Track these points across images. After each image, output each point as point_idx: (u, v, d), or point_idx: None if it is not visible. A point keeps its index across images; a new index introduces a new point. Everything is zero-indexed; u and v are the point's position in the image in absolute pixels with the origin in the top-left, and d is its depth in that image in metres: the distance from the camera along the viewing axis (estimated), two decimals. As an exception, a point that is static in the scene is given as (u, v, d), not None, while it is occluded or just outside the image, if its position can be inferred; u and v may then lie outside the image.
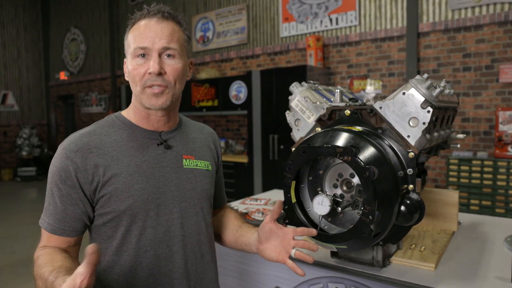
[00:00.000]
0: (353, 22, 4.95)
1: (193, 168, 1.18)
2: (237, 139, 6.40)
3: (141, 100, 1.07)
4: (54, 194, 1.04)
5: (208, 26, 6.70)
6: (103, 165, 1.03)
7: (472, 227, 1.76)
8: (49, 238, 1.05)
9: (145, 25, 1.06)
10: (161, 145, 1.13)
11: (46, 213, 1.06)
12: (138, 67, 1.05)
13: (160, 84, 1.05)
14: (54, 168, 1.04)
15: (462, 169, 3.98)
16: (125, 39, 1.11)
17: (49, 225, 1.04)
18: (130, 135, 1.10)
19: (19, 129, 10.48)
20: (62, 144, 1.06)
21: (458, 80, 4.29)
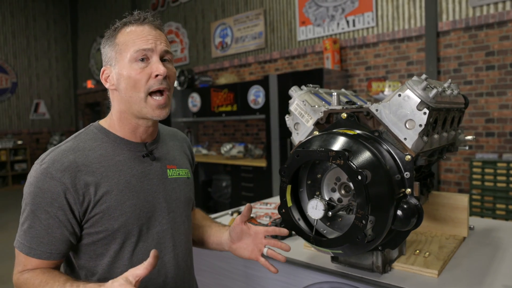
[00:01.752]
0: (370, 23, 4.88)
1: (176, 178, 1.16)
2: (256, 144, 6.42)
3: (141, 109, 1.02)
4: (38, 216, 0.96)
5: (227, 32, 6.77)
6: (94, 183, 0.98)
7: (485, 232, 1.69)
8: (31, 262, 0.98)
9: (142, 30, 1.03)
10: (146, 157, 1.10)
11: (26, 236, 0.97)
12: (142, 70, 1.00)
13: (165, 87, 1.02)
14: (36, 190, 0.96)
15: (487, 172, 3.82)
16: (110, 46, 1.05)
17: (31, 249, 0.96)
18: (115, 149, 1.06)
19: (50, 136, 10.90)
20: (42, 163, 0.97)
21: (481, 80, 4.15)
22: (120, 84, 1.03)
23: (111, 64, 1.05)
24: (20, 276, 0.98)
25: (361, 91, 5.05)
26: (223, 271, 1.74)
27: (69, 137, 1.07)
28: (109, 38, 1.06)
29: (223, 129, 7.03)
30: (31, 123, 10.72)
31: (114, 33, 1.05)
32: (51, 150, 1.02)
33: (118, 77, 1.03)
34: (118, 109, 1.07)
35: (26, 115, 10.63)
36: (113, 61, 1.04)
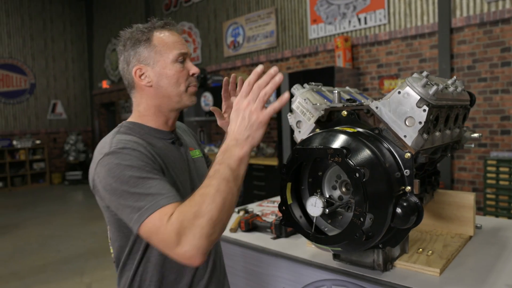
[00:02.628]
0: (382, 20, 4.83)
1: (197, 158, 1.33)
2: (268, 142, 6.42)
3: (181, 99, 1.19)
4: (147, 177, 0.98)
5: (238, 31, 6.79)
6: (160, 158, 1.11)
7: (493, 231, 1.66)
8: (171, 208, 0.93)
9: (174, 34, 1.21)
10: (175, 143, 1.25)
11: (151, 196, 0.95)
12: (183, 69, 1.19)
13: (196, 84, 1.23)
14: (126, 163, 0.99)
15: (501, 170, 3.75)
16: (146, 48, 1.16)
17: (164, 198, 0.95)
18: (152, 138, 1.18)
19: (66, 136, 11.13)
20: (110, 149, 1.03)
21: (496, 76, 4.06)
22: (162, 81, 1.17)
23: (148, 64, 1.16)
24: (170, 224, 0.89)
25: (373, 89, 5.00)
26: (227, 268, 1.76)
27: (109, 133, 1.15)
28: (141, 40, 1.17)
29: (235, 128, 7.05)
30: (48, 123, 10.96)
31: (148, 36, 1.17)
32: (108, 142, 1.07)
33: (159, 75, 1.16)
34: (152, 104, 1.20)
35: (44, 115, 10.88)
36: (151, 61, 1.16)
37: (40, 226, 6.23)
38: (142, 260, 1.15)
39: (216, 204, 0.88)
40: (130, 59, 1.18)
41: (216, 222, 0.88)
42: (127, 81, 1.21)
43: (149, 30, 1.18)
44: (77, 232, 5.80)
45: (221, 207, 0.89)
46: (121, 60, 1.21)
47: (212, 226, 0.87)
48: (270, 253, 1.59)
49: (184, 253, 0.87)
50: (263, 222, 1.79)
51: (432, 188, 1.52)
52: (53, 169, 10.90)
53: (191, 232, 0.86)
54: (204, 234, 0.87)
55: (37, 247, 5.14)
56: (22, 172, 10.11)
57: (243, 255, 1.70)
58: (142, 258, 1.15)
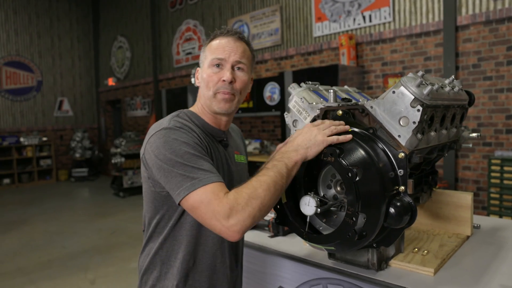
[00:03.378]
0: (387, 18, 4.80)
1: (240, 162, 1.39)
2: (273, 140, 6.43)
3: (211, 104, 1.25)
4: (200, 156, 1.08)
5: (243, 29, 6.79)
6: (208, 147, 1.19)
7: (491, 231, 1.65)
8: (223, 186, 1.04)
9: (223, 41, 1.25)
10: (222, 142, 1.31)
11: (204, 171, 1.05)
12: (213, 74, 1.23)
13: (229, 91, 1.23)
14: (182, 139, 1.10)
15: (506, 169, 3.71)
16: (202, 52, 1.29)
17: (219, 177, 1.05)
18: (202, 132, 1.23)
19: (73, 133, 11.23)
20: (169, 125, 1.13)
21: (502, 75, 4.02)
22: (201, 83, 1.28)
23: (201, 66, 1.30)
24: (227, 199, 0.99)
25: (377, 87, 4.98)
26: (226, 266, 1.77)
27: (166, 117, 1.23)
28: (204, 45, 1.29)
29: (239, 126, 7.07)
30: (55, 120, 11.06)
31: (207, 42, 1.29)
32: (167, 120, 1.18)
33: (201, 77, 1.28)
34: (201, 102, 1.30)
35: (50, 112, 10.98)
36: (201, 64, 1.29)
37: (46, 223, 6.30)
38: (169, 235, 1.22)
39: (270, 192, 1.01)
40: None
41: (264, 207, 1.00)
42: None
43: (214, 36, 1.28)
44: (83, 228, 5.86)
45: (272, 196, 1.02)
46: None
47: (260, 209, 1.00)
48: (267, 251, 1.60)
49: (231, 226, 0.97)
50: (261, 220, 1.80)
51: (429, 188, 1.52)
52: (59, 166, 11.01)
53: (243, 210, 0.98)
54: (252, 214, 0.98)
55: (43, 243, 5.20)
56: (29, 168, 10.23)
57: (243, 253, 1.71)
58: (169, 234, 1.22)
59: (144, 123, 9.71)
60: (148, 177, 1.18)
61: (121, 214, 6.77)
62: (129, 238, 5.33)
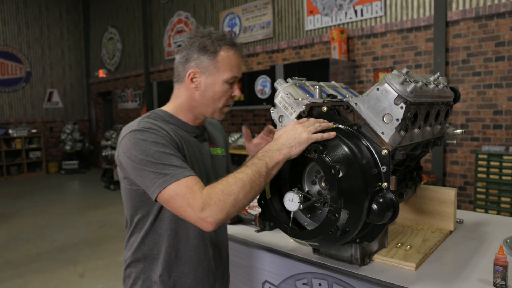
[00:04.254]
0: (378, 12, 4.80)
1: (216, 155, 1.41)
2: (264, 134, 6.43)
3: (212, 113, 1.30)
4: (171, 153, 1.11)
5: (235, 22, 6.74)
6: (181, 146, 1.21)
7: (474, 226, 1.68)
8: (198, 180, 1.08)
9: (238, 58, 1.29)
10: (198, 137, 1.33)
11: (176, 167, 1.09)
12: (228, 90, 1.28)
13: (232, 104, 1.34)
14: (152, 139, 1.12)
15: (492, 164, 3.77)
16: (210, 59, 1.24)
17: (190, 171, 1.09)
18: (177, 128, 1.26)
19: (63, 125, 11.11)
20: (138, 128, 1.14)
21: (490, 71, 4.06)
22: (207, 92, 1.26)
23: (204, 72, 1.25)
24: (201, 192, 1.04)
25: (368, 82, 5.00)
26: (213, 260, 1.78)
27: (140, 117, 1.24)
28: (209, 50, 1.24)
29: (231, 119, 7.05)
30: (44, 112, 10.93)
31: (216, 49, 1.24)
32: (137, 121, 1.19)
33: (208, 86, 1.26)
34: (189, 103, 1.29)
35: (40, 104, 10.85)
36: (207, 72, 1.25)
37: (36, 215, 6.25)
38: (150, 230, 1.25)
39: (245, 189, 1.04)
40: (191, 60, 1.26)
41: (238, 203, 1.04)
42: (178, 73, 1.30)
43: (219, 44, 1.25)
44: (73, 221, 5.83)
45: (247, 193, 1.05)
46: (181, 54, 1.29)
47: (233, 205, 1.04)
48: (253, 245, 1.61)
49: (205, 218, 1.02)
50: (247, 215, 1.81)
51: (414, 184, 1.54)
52: (49, 158, 10.91)
53: (216, 204, 1.02)
54: (225, 209, 1.03)
55: (32, 236, 5.17)
56: (18, 161, 10.12)
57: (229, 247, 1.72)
58: (150, 229, 1.25)
59: (135, 115, 9.63)
60: (124, 177, 1.22)
61: (111, 207, 6.74)
62: (119, 231, 5.32)
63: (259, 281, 1.61)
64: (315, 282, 1.41)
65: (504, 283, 1.12)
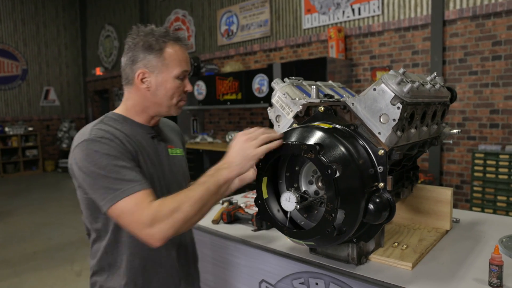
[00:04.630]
0: (376, 11, 4.80)
1: (175, 155, 1.40)
2: (261, 132, 6.43)
3: (169, 110, 1.29)
4: (123, 166, 1.11)
5: (232, 20, 6.73)
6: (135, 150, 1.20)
7: (470, 226, 1.69)
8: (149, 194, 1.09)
9: (184, 52, 1.28)
10: (155, 138, 1.33)
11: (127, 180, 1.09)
12: (180, 85, 1.28)
13: (186, 99, 1.33)
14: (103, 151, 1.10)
15: (488, 163, 3.78)
16: (156, 57, 1.23)
17: (142, 184, 1.10)
18: (132, 130, 1.26)
19: (59, 123, 11.06)
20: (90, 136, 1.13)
21: (487, 70, 4.07)
22: (159, 91, 1.25)
23: (153, 71, 1.24)
24: (150, 208, 1.05)
25: (365, 81, 5.00)
26: (208, 258, 1.79)
27: (90, 123, 1.23)
28: (154, 48, 1.22)
29: (228, 117, 7.05)
30: (41, 110, 10.88)
31: (161, 46, 1.23)
32: (88, 129, 1.17)
33: (159, 85, 1.24)
34: (142, 104, 1.28)
35: (36, 102, 10.80)
36: (156, 70, 1.24)
37: (33, 214, 6.24)
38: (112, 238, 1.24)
39: (194, 207, 1.05)
40: (138, 60, 1.24)
41: (187, 221, 1.06)
42: (126, 75, 1.27)
43: (163, 41, 1.24)
44: (70, 220, 5.82)
45: (196, 211, 1.06)
46: (127, 55, 1.26)
47: (183, 222, 1.05)
48: (250, 245, 1.61)
49: (153, 234, 1.03)
50: (244, 214, 1.81)
51: (410, 183, 1.54)
52: (46, 156, 10.86)
53: (164, 221, 1.03)
54: (174, 226, 1.04)
55: (29, 234, 5.16)
56: (15, 159, 10.08)
57: (224, 246, 1.72)
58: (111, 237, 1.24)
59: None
60: (78, 185, 1.21)
61: (108, 205, 6.72)
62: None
63: (256, 280, 1.61)
64: (312, 282, 1.42)
65: (499, 282, 1.13)
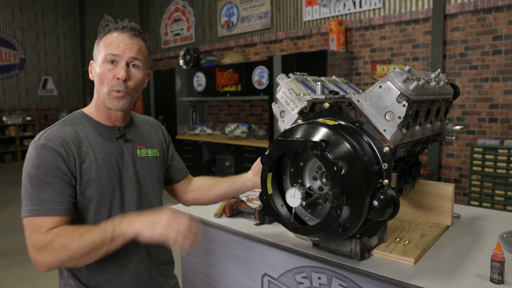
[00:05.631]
0: (377, 4, 4.78)
1: (144, 157, 1.37)
2: (260, 124, 6.43)
3: (104, 100, 1.23)
4: (47, 182, 1.13)
5: (233, 11, 6.68)
6: (79, 158, 1.19)
7: (471, 221, 1.71)
8: (51, 222, 1.12)
9: (118, 37, 1.22)
10: (120, 139, 1.31)
11: (39, 201, 1.12)
12: (108, 71, 1.21)
13: (123, 90, 1.22)
14: (40, 161, 1.13)
15: (487, 158, 3.81)
16: (96, 45, 1.25)
17: (48, 210, 1.12)
18: (94, 131, 1.26)
19: (58, 113, 11.01)
20: (39, 141, 1.16)
21: (487, 65, 4.07)
22: (95, 79, 1.25)
23: (95, 60, 1.25)
24: (45, 236, 1.09)
25: (365, 74, 5.00)
26: (212, 251, 1.80)
27: (56, 122, 1.26)
28: (98, 39, 1.26)
29: (227, 109, 7.04)
30: (39, 99, 10.82)
31: (102, 36, 1.25)
32: (44, 131, 1.21)
33: (95, 72, 1.24)
34: (95, 98, 1.28)
35: (34, 91, 10.73)
36: (95, 58, 1.25)
37: (31, 204, 6.23)
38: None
39: (84, 250, 1.08)
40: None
41: (73, 259, 1.09)
42: None
43: (108, 30, 1.24)
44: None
45: (85, 254, 1.09)
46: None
47: (69, 260, 1.10)
48: (252, 239, 1.62)
49: (39, 260, 1.10)
50: (247, 208, 1.82)
51: (413, 179, 1.55)
52: (44, 146, 10.81)
53: (52, 253, 1.08)
54: (59, 260, 1.09)
55: (27, 224, 5.16)
56: (12, 148, 10.04)
57: (227, 240, 1.73)
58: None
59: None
60: None
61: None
62: (116, 220, 5.33)
63: (258, 274, 1.63)
64: (314, 276, 1.43)
65: (501, 278, 1.15)
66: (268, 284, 1.61)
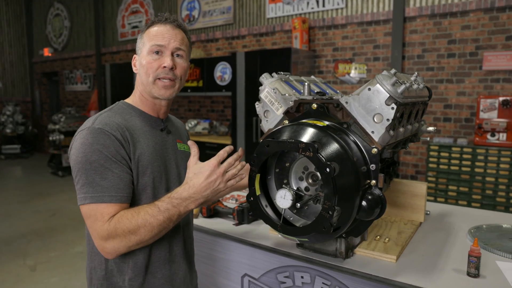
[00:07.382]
0: (340, 4, 4.88)
1: (183, 150, 1.38)
2: (222, 120, 6.38)
3: (151, 90, 1.24)
4: (108, 168, 1.09)
5: (194, 5, 6.55)
6: (133, 144, 1.17)
7: (439, 217, 1.79)
8: (114, 209, 1.08)
9: (162, 28, 1.24)
10: (163, 131, 1.32)
11: (103, 188, 1.08)
12: (153, 61, 1.22)
13: (170, 77, 1.23)
14: (99, 146, 1.10)
15: (442, 155, 4.03)
16: (140, 38, 1.27)
17: (112, 197, 1.08)
18: (141, 121, 1.26)
19: (2, 106, 10.26)
20: (94, 125, 1.13)
21: (442, 67, 4.30)
22: (141, 70, 1.26)
23: (138, 53, 1.28)
24: (108, 224, 1.06)
25: (327, 72, 5.10)
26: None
27: (103, 110, 1.24)
28: (141, 32, 1.28)
29: (188, 105, 6.91)
30: (-19, 91, 10.03)
31: (145, 29, 1.27)
32: (94, 117, 1.18)
33: (140, 64, 1.26)
34: (140, 90, 1.29)
35: (-25, 82, 9.92)
36: (139, 51, 1.27)
37: (-25, 204, 5.78)
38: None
39: (152, 233, 1.08)
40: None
41: (142, 243, 1.10)
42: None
43: (151, 23, 1.26)
44: (18, 210, 5.46)
45: (153, 236, 1.10)
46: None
47: (137, 244, 1.09)
48: (232, 239, 1.60)
49: (105, 248, 1.08)
50: (225, 208, 1.79)
51: (389, 178, 1.60)
52: (-13, 142, 10.07)
53: (119, 239, 1.06)
54: (127, 246, 1.08)
55: (-28, 227, 4.78)
56: (-49, 144, 9.24)
57: (205, 240, 1.70)
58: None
59: (85, 98, 9.13)
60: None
61: (61, 194, 6.39)
62: (71, 220, 5.07)
63: (238, 274, 1.61)
64: (297, 275, 1.44)
65: (477, 272, 1.21)
66: (248, 284, 1.60)
